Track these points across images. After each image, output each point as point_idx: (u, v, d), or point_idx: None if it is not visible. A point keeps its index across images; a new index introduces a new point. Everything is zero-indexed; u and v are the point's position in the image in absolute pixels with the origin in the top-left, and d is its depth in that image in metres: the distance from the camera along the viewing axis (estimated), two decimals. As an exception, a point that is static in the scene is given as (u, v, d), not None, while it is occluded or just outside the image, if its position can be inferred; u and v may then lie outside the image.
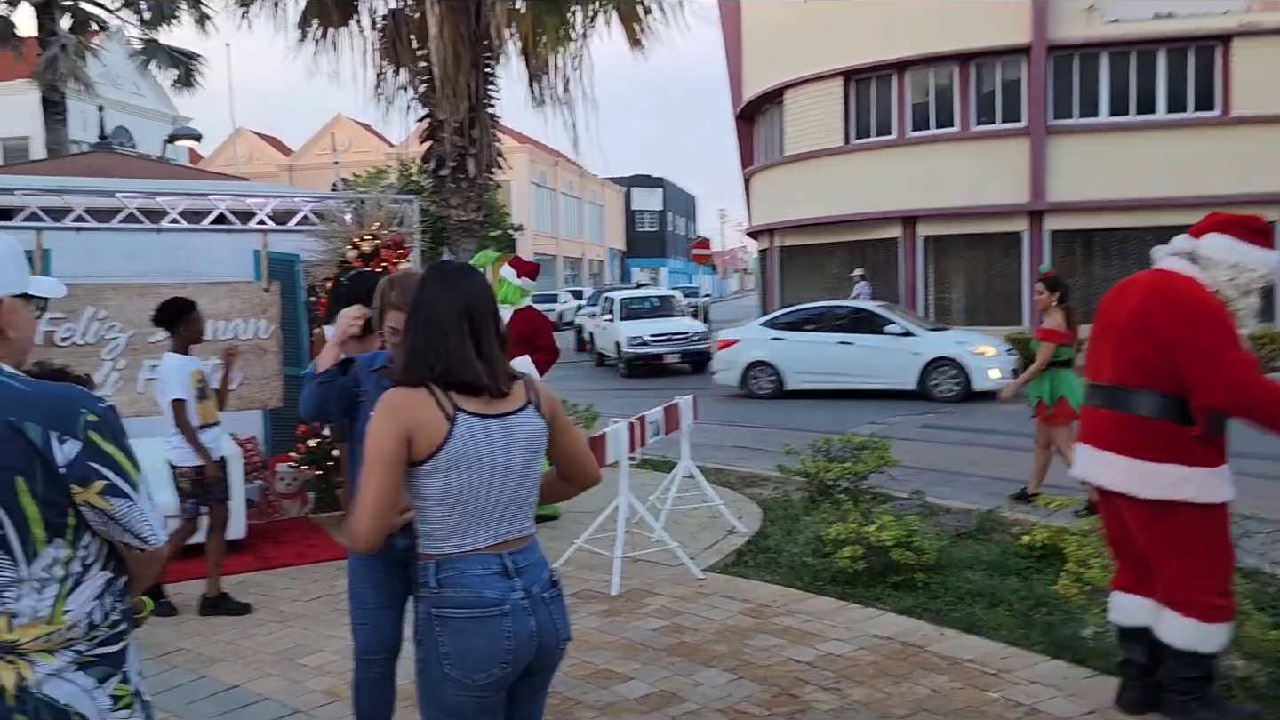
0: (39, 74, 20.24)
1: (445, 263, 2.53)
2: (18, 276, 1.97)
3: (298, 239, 7.82)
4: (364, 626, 3.28)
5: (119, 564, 2.01)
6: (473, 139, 10.42)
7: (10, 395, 1.86)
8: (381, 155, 41.80)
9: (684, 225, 76.90)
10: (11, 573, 1.85)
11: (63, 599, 1.89)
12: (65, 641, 1.90)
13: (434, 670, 2.30)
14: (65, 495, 1.86)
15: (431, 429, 2.26)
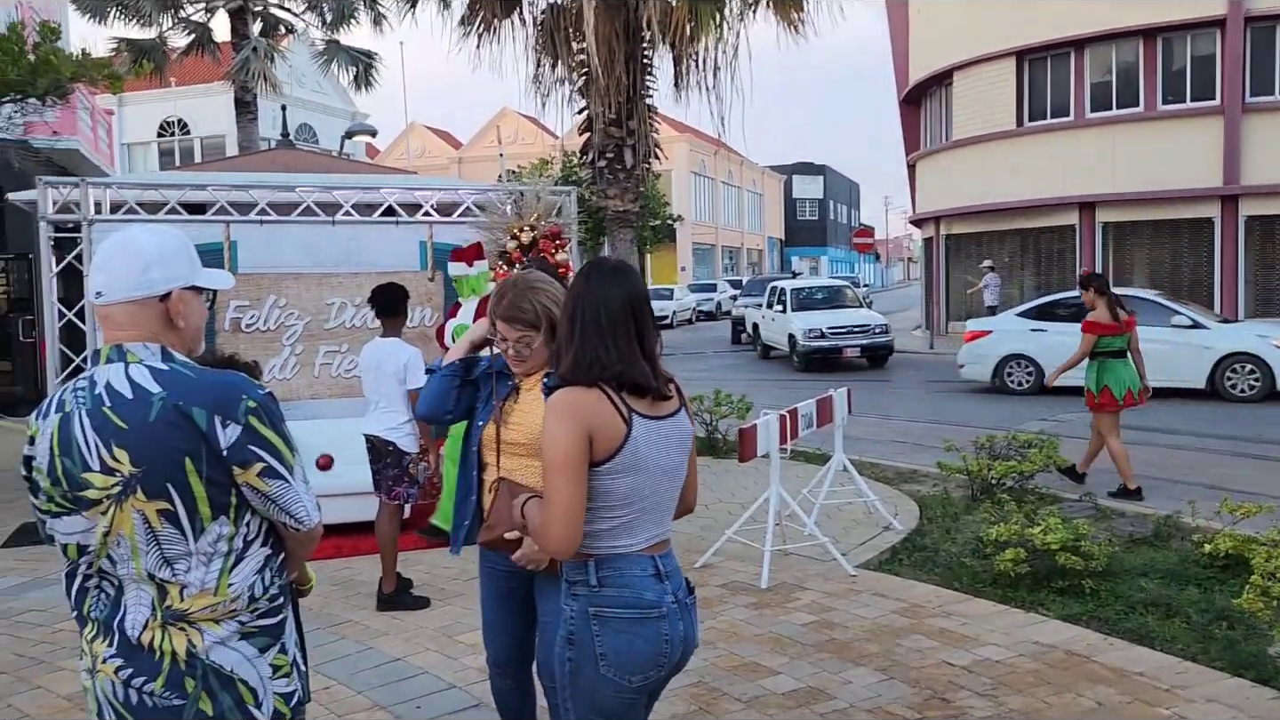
0: (233, 76, 21.65)
1: (603, 259, 2.52)
2: (188, 270, 2.08)
3: (461, 230, 8.07)
4: (494, 639, 3.24)
5: (277, 541, 2.13)
6: (630, 130, 10.50)
7: (181, 382, 1.98)
8: (545, 147, 42.71)
9: (846, 213, 75.38)
10: (182, 546, 1.98)
11: (227, 572, 2.01)
12: (229, 612, 2.02)
13: (588, 671, 2.28)
14: (228, 476, 1.98)
15: (611, 431, 2.24)
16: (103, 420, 1.95)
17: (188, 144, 35.85)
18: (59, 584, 5.94)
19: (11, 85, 8.27)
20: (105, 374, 2.00)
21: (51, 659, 4.82)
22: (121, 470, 1.94)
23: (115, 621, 2.01)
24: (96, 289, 2.04)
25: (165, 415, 1.94)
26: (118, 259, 2.04)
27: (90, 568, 2.03)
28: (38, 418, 2.05)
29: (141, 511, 1.95)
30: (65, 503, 1.99)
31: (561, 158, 32.58)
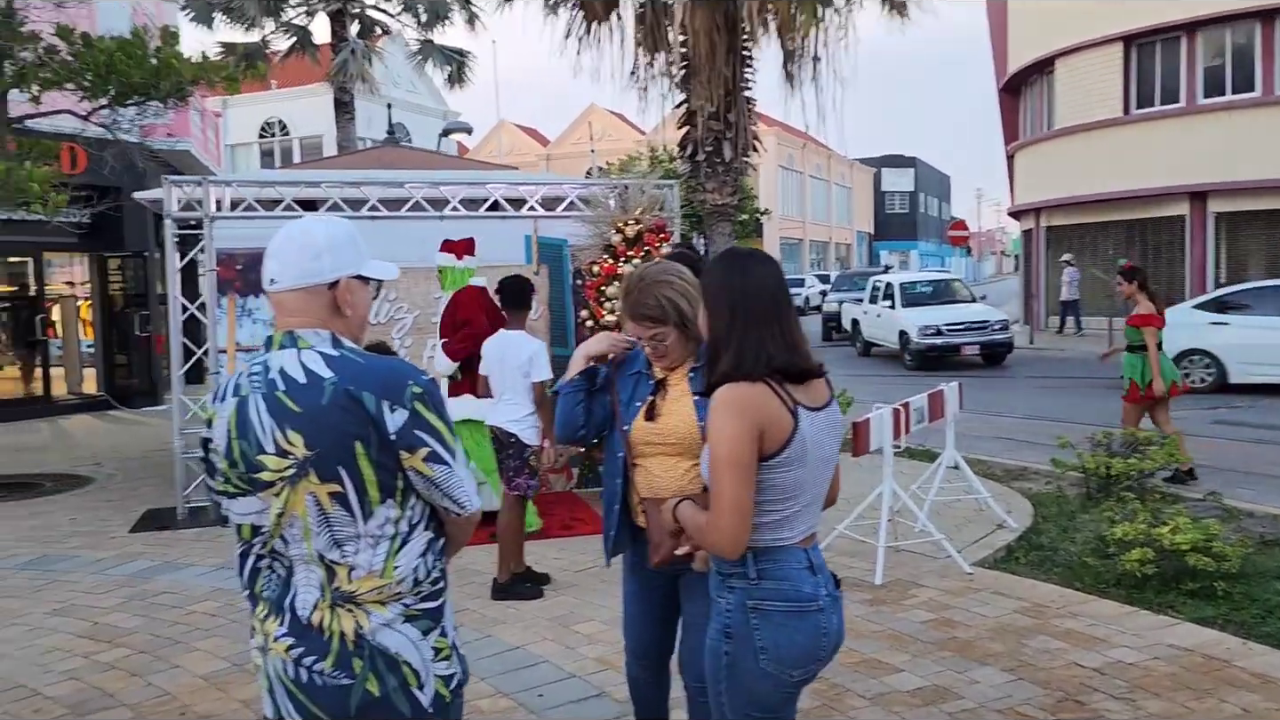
0: (332, 76, 22.21)
1: (735, 249, 2.48)
2: (354, 259, 2.12)
3: (566, 224, 8.13)
4: (635, 631, 3.20)
5: (439, 526, 2.16)
6: (729, 123, 10.46)
7: (350, 367, 2.02)
8: (633, 143, 42.82)
9: (937, 206, 73.94)
10: (351, 528, 2.02)
11: (393, 555, 2.05)
12: (394, 595, 2.06)
13: (747, 664, 2.26)
14: (395, 460, 2.01)
15: (780, 424, 2.20)
16: (277, 404, 2.01)
17: (287, 144, 36.88)
18: (188, 568, 6.21)
19: (136, 88, 8.60)
20: (279, 359, 2.05)
21: (187, 640, 5.00)
22: (295, 453, 1.99)
23: (286, 601, 2.07)
24: (270, 276, 2.09)
25: (337, 399, 1.98)
26: (290, 247, 2.09)
27: (263, 548, 2.09)
28: (214, 401, 2.12)
29: (314, 494, 2.00)
30: (241, 484, 2.05)
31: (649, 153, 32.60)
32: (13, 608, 5.62)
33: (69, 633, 5.16)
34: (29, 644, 5.02)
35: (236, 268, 7.75)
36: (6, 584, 6.10)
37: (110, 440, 12.50)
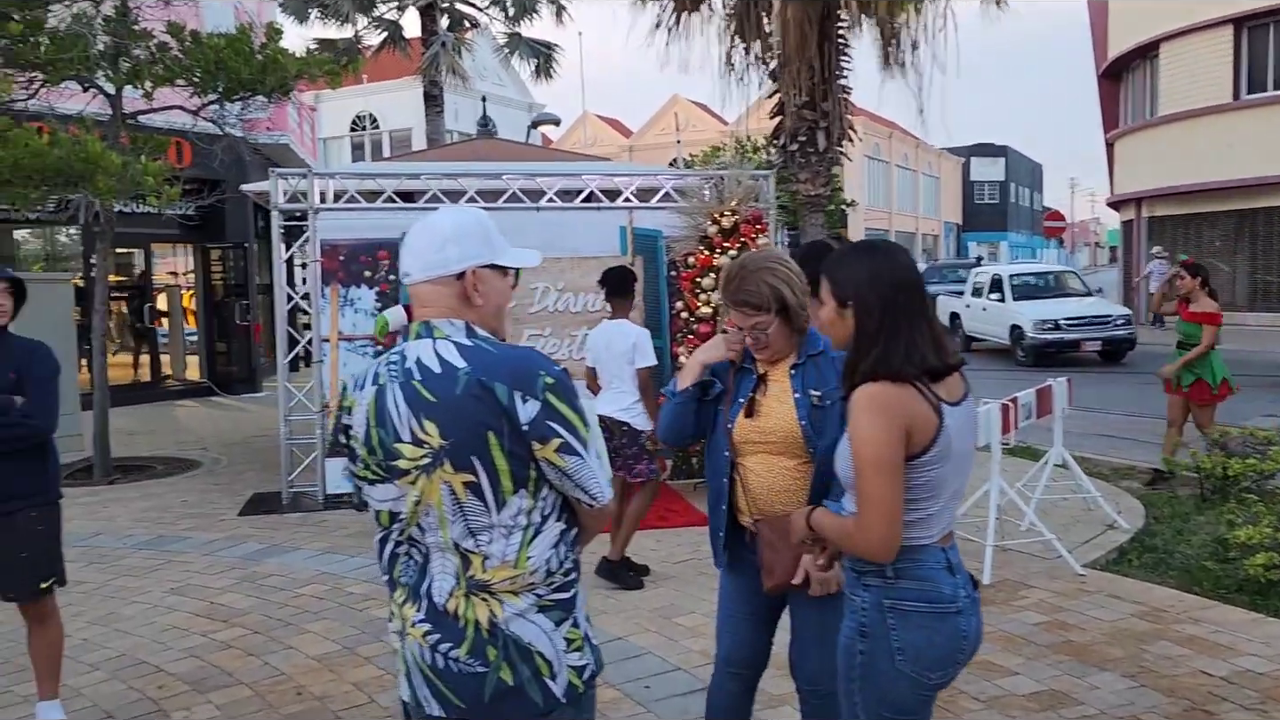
0: (423, 70, 22.55)
1: (872, 241, 2.40)
2: (483, 248, 2.11)
3: (661, 215, 8.12)
4: (729, 636, 3.07)
5: (571, 516, 2.15)
6: (823, 112, 10.31)
7: (483, 357, 2.03)
8: (716, 133, 42.61)
9: (1028, 196, 71.99)
10: (485, 518, 2.03)
11: (526, 545, 2.05)
12: (527, 585, 2.06)
13: (883, 665, 2.20)
14: (528, 450, 2.01)
15: (926, 423, 2.14)
16: (413, 393, 2.02)
17: (377, 137, 37.60)
18: (294, 551, 6.36)
19: (244, 83, 8.83)
20: (416, 349, 2.06)
21: (297, 621, 5.13)
22: (430, 442, 2.00)
23: (423, 587, 2.09)
24: (404, 269, 2.12)
25: (470, 389, 1.99)
26: (420, 239, 2.10)
27: (401, 535, 2.11)
28: (354, 389, 2.14)
29: (449, 483, 2.01)
30: (379, 471, 2.07)
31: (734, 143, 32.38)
32: (132, 586, 5.84)
33: (186, 611, 5.34)
34: (149, 621, 5.21)
35: (339, 258, 7.91)
36: (126, 563, 6.34)
37: (213, 425, 12.91)
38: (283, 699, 4.19)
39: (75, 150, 7.97)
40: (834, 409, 2.78)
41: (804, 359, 2.88)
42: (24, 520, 3.74)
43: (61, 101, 9.28)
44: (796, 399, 2.82)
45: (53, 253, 15.76)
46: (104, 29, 8.66)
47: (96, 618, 5.27)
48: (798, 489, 2.82)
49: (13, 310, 3.79)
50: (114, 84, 8.96)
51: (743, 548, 2.94)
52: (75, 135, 8.16)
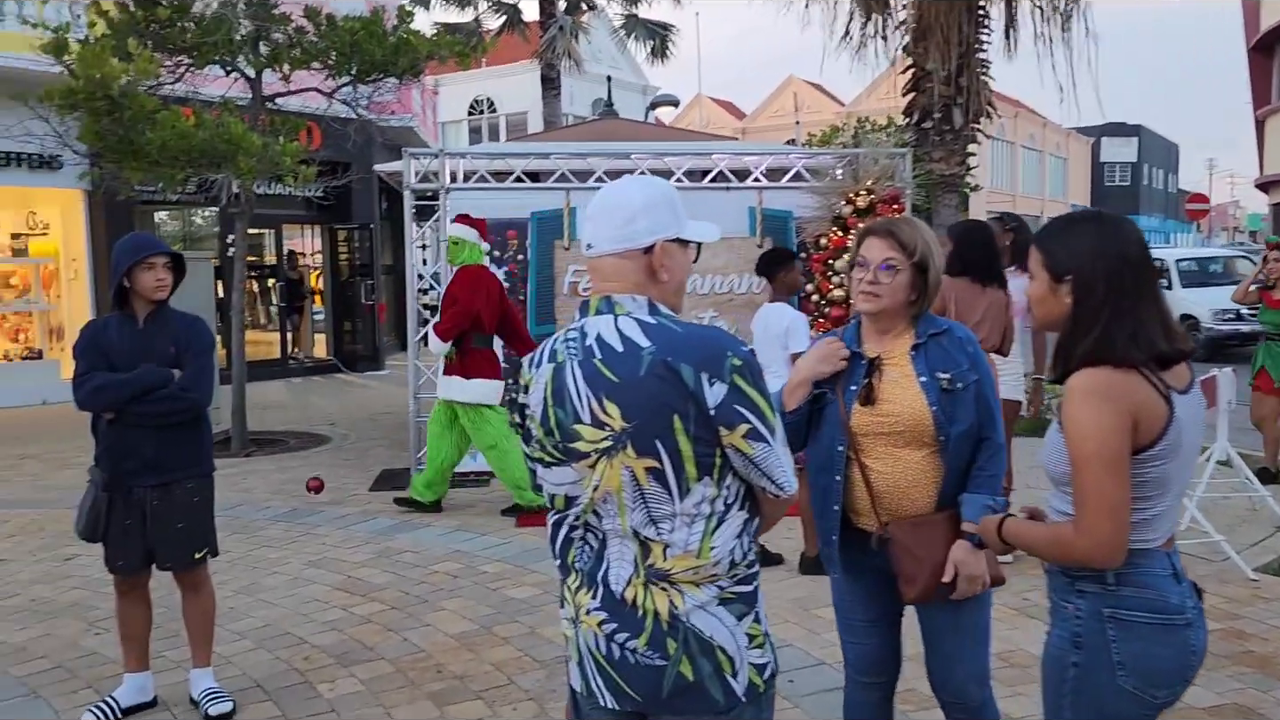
0: (541, 53, 22.69)
1: (1095, 210, 2.16)
2: (672, 221, 2.00)
3: (792, 195, 7.91)
4: (854, 646, 2.85)
5: (754, 505, 2.02)
6: (960, 88, 9.88)
7: (668, 336, 1.91)
8: (832, 115, 41.80)
9: (1162, 178, 68.60)
10: (668, 506, 1.91)
11: (709, 535, 1.93)
12: (710, 576, 1.94)
13: (1100, 678, 2.01)
14: (714, 436, 1.89)
15: (1154, 413, 1.93)
16: (594, 372, 1.92)
17: (494, 121, 38.07)
18: (426, 528, 6.41)
19: (377, 65, 8.95)
20: (596, 325, 1.96)
21: (433, 598, 5.16)
22: (612, 424, 1.90)
23: (599, 575, 1.99)
24: (587, 241, 2.02)
25: (654, 370, 1.88)
26: (605, 211, 2.00)
27: (577, 520, 2.02)
28: (531, 367, 2.05)
29: (630, 468, 1.90)
30: (556, 453, 1.98)
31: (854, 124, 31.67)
32: (273, 557, 5.97)
33: (325, 584, 5.43)
34: (290, 593, 5.30)
35: (469, 238, 7.94)
36: (265, 534, 6.50)
37: (340, 401, 13.25)
38: (423, 676, 4.19)
39: (219, 132, 8.20)
40: (967, 393, 2.58)
41: (924, 338, 2.65)
42: (181, 492, 3.82)
43: (204, 85, 9.58)
44: (923, 382, 2.58)
45: (190, 234, 16.40)
46: (245, 13, 8.88)
47: (241, 587, 5.40)
48: (927, 483, 2.59)
49: (172, 286, 3.86)
50: (254, 67, 9.19)
51: (857, 552, 2.69)
52: (218, 118, 8.39)
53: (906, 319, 2.67)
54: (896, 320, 2.66)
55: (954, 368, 2.60)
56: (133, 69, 7.86)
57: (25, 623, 4.93)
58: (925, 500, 2.60)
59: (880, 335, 2.68)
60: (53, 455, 9.37)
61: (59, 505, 7.20)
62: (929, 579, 2.53)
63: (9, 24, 11.57)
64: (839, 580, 2.82)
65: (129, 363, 3.73)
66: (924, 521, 2.57)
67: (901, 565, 2.57)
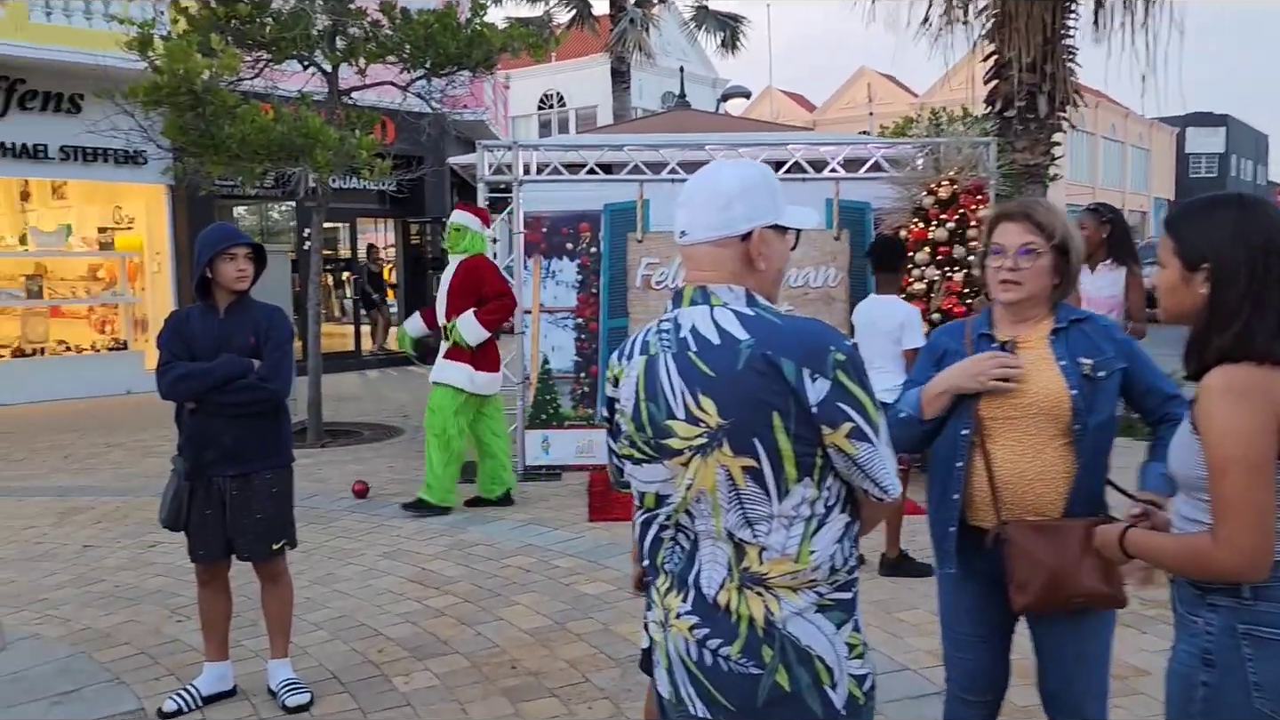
0: (611, 47, 22.67)
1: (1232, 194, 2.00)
2: (769, 206, 1.90)
3: (870, 186, 7.72)
4: (959, 662, 2.69)
5: (855, 508, 1.92)
6: (1045, 74, 9.56)
7: (767, 329, 1.81)
8: (906, 105, 41.09)
9: (1251, 170, 66.20)
10: (765, 507, 1.82)
11: (808, 539, 1.83)
12: (809, 582, 1.84)
13: (1234, 699, 1.86)
14: (815, 435, 1.79)
15: None
16: (689, 366, 1.83)
17: (564, 115, 38.20)
18: (497, 521, 6.37)
19: (451, 58, 8.97)
20: (690, 316, 1.87)
21: (506, 593, 5.12)
22: (707, 421, 1.81)
23: (690, 577, 1.90)
24: (681, 228, 1.92)
25: (753, 364, 1.78)
26: (700, 195, 1.90)
27: (667, 519, 1.93)
28: (621, 359, 1.97)
29: (726, 467, 1.81)
30: (647, 450, 1.90)
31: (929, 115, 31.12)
32: (348, 548, 6.01)
33: (399, 576, 5.43)
34: (365, 584, 5.32)
35: (542, 230, 7.92)
36: (340, 524, 6.55)
37: (412, 394, 13.35)
38: (497, 671, 4.15)
39: (296, 126, 8.29)
40: (1109, 383, 2.42)
41: (1065, 323, 2.50)
42: (260, 482, 3.82)
43: (282, 81, 9.70)
44: (1063, 365, 2.43)
45: (266, 227, 16.70)
46: (323, 8, 8.96)
47: (316, 577, 5.43)
48: (1057, 477, 2.42)
49: (253, 276, 3.86)
50: (330, 62, 9.28)
51: (971, 552, 2.53)
52: (296, 112, 8.48)
53: (1047, 306, 2.53)
54: (1037, 308, 2.52)
55: (1097, 355, 2.45)
56: (216, 64, 7.98)
57: (110, 608, 5.02)
58: (1052, 497, 2.44)
59: (1016, 324, 2.54)
60: (137, 444, 9.59)
61: (143, 493, 7.36)
62: (1044, 587, 2.37)
63: (96, 21, 11.88)
64: (947, 585, 2.68)
65: (210, 352, 3.75)
66: (1047, 526, 2.40)
67: (1015, 570, 2.41)
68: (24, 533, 6.46)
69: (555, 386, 7.94)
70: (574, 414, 7.91)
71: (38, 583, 5.46)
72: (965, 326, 2.65)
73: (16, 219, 14.46)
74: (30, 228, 14.09)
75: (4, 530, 6.45)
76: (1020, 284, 2.47)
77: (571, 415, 7.92)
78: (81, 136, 12.15)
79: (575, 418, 7.91)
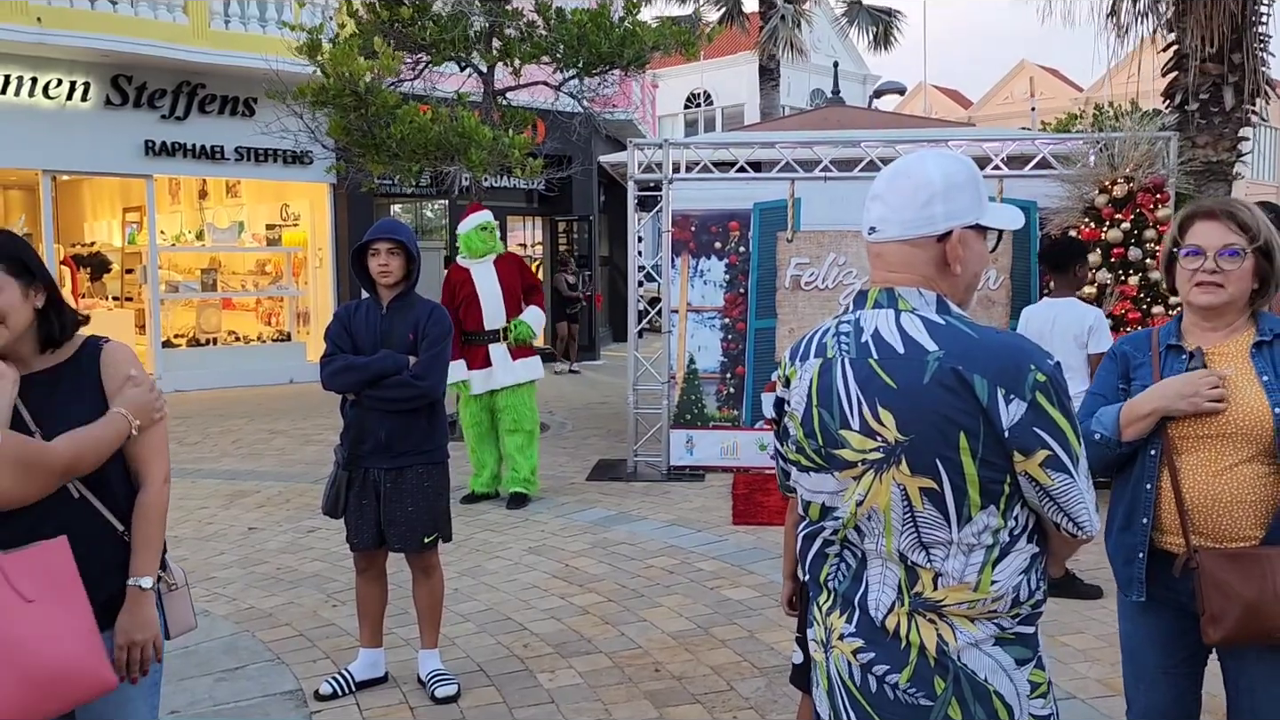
0: (762, 44, 22.44)
1: None
2: (972, 205, 1.75)
3: (1037, 184, 7.34)
4: (1143, 695, 2.49)
5: (1043, 537, 1.77)
6: (1233, 64, 8.89)
7: (960, 341, 1.67)
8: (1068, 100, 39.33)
9: None
10: (942, 532, 1.69)
11: (989, 567, 1.69)
12: (988, 612, 1.70)
13: None
14: (1005, 461, 1.65)
15: None
16: (869, 374, 1.71)
17: (710, 114, 38.12)
18: (641, 520, 6.31)
19: (604, 57, 9.01)
20: (873, 320, 1.76)
21: (649, 593, 5.08)
22: (885, 435, 1.69)
23: (857, 597, 1.78)
24: (871, 223, 1.79)
25: (940, 379, 1.65)
26: (898, 190, 1.76)
27: (834, 534, 1.82)
28: (794, 359, 1.87)
29: (902, 486, 1.69)
30: (816, 458, 1.79)
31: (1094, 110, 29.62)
32: (494, 541, 6.09)
33: (544, 571, 5.46)
34: (511, 578, 5.37)
35: (690, 229, 7.86)
36: (487, 518, 6.65)
37: (557, 391, 13.53)
38: (641, 674, 4.11)
39: (453, 126, 8.48)
40: None
41: (1269, 336, 2.28)
42: (412, 476, 3.88)
43: (440, 82, 9.97)
44: (1265, 382, 2.23)
45: (421, 225, 17.24)
46: (480, 9, 9.14)
47: (464, 569, 5.52)
48: (1255, 503, 2.21)
49: (404, 271, 3.91)
50: (486, 62, 9.46)
51: (1157, 578, 2.34)
52: (452, 113, 8.69)
53: (1245, 314, 2.33)
54: (1235, 315, 2.33)
55: None
56: (377, 65, 8.24)
57: (273, 590, 5.23)
58: (1249, 524, 2.23)
59: (1209, 333, 2.35)
60: (299, 432, 10.03)
61: (303, 479, 7.67)
62: (1240, 620, 2.17)
63: (270, 28, 12.50)
64: (1129, 611, 2.49)
65: (372, 346, 3.85)
66: (1243, 555, 2.20)
67: (1208, 601, 2.21)
68: (197, 513, 6.82)
69: (701, 387, 7.87)
70: (719, 415, 7.82)
71: (208, 561, 5.74)
72: (1151, 336, 2.46)
73: (195, 216, 15.38)
74: (207, 224, 14.96)
75: (179, 510, 6.82)
76: (1223, 286, 2.28)
77: (716, 416, 7.83)
78: (254, 138, 12.80)
79: (720, 419, 7.82)
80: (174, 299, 13.94)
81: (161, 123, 12.83)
